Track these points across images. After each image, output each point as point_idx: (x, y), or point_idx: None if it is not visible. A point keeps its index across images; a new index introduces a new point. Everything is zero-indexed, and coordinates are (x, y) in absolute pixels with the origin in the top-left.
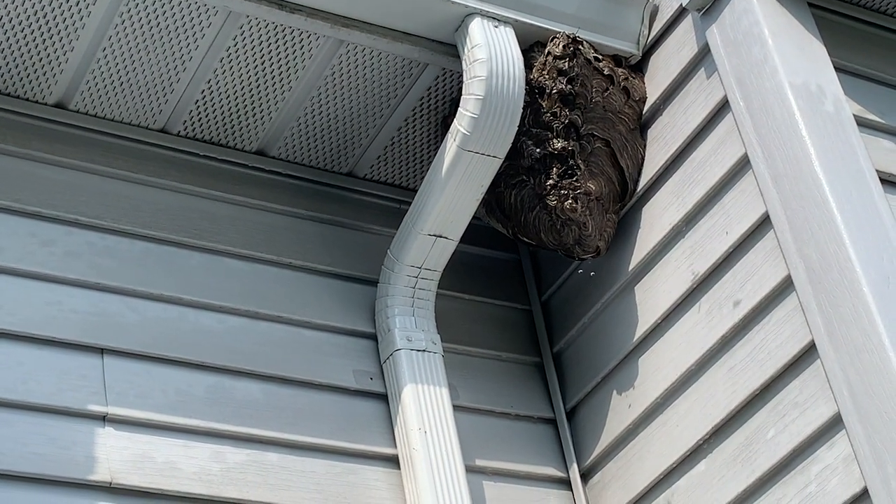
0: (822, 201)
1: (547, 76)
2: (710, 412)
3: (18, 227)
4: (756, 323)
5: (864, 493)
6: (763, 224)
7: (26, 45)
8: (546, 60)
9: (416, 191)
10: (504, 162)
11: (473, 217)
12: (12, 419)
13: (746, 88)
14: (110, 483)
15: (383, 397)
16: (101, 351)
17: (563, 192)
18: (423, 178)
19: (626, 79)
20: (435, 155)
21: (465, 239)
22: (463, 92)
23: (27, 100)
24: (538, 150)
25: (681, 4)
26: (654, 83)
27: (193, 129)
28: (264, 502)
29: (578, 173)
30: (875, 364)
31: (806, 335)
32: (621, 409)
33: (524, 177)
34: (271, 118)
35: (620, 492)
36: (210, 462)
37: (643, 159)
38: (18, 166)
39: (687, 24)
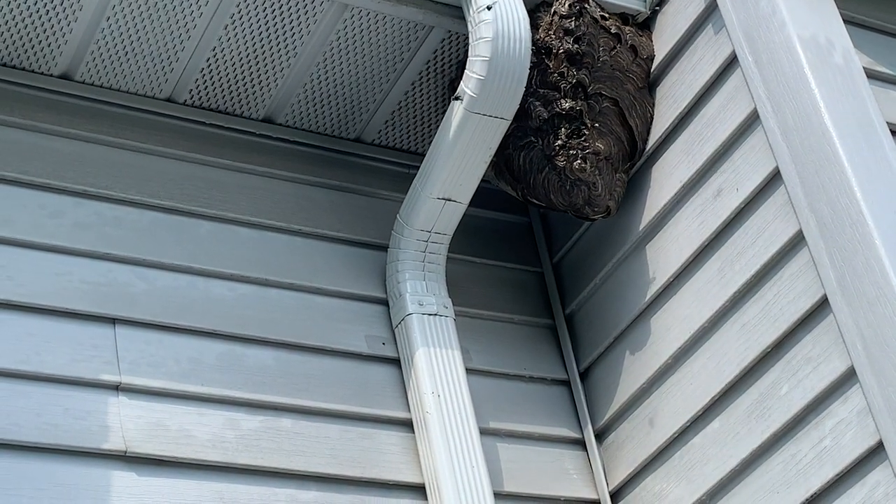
0: (832, 155)
1: (553, 36)
2: (723, 369)
3: (27, 200)
4: (768, 279)
5: (880, 446)
6: (774, 179)
7: (30, 16)
8: (552, 20)
9: (424, 155)
10: (512, 123)
11: (483, 180)
12: (26, 390)
13: (755, 43)
14: (125, 452)
15: (396, 362)
16: (113, 321)
17: (571, 152)
18: (431, 142)
19: (634, 37)
20: (442, 118)
21: (474, 202)
22: (469, 54)
23: (32, 72)
24: (546, 110)
25: None
26: (662, 41)
27: (200, 98)
28: (279, 468)
29: (587, 133)
30: (888, 317)
31: (818, 290)
32: (635, 369)
33: (532, 138)
34: (277, 85)
35: (635, 451)
36: (224, 429)
37: (652, 118)
38: (25, 138)
39: None
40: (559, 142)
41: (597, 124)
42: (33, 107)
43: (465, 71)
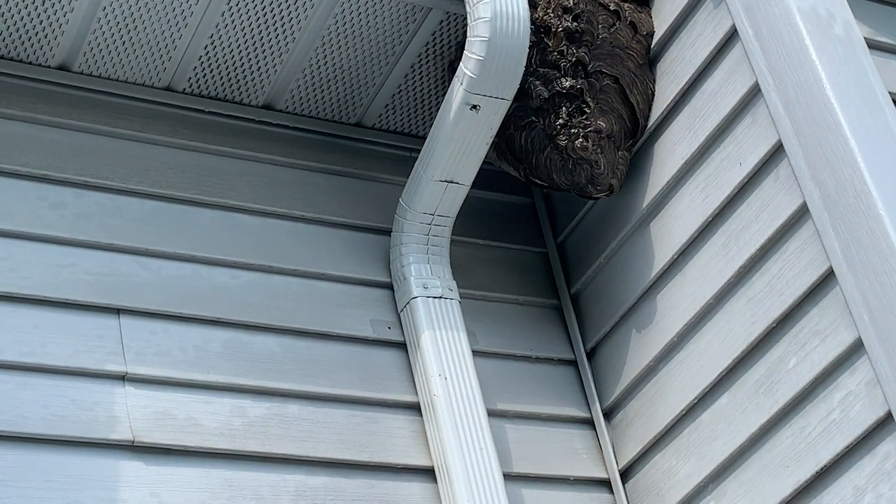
0: (835, 126)
1: (552, 14)
2: (730, 345)
3: (27, 192)
4: (773, 253)
5: (889, 417)
6: (777, 153)
7: (25, 7)
8: None
9: (425, 138)
10: (512, 104)
11: (485, 162)
12: (32, 382)
13: (754, 16)
14: (133, 441)
15: (402, 346)
16: (117, 311)
17: (573, 130)
18: (431, 124)
19: (633, 13)
20: (443, 100)
21: (477, 184)
22: (468, 34)
23: (30, 63)
24: (546, 89)
25: None
26: (662, 16)
27: (199, 86)
28: (287, 454)
29: (588, 111)
30: (894, 286)
31: (824, 262)
32: (641, 347)
33: (533, 118)
34: (276, 71)
35: (644, 429)
36: (231, 417)
37: (653, 94)
38: (24, 130)
39: None
40: (560, 121)
41: (598, 102)
42: (31, 98)
43: (465, 52)
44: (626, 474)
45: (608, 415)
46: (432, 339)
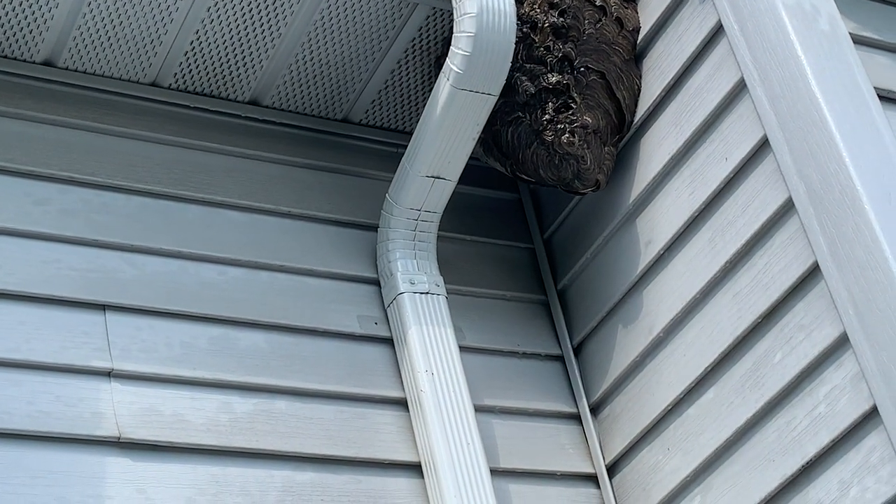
0: (820, 121)
1: (538, 10)
2: (716, 339)
3: (12, 187)
4: (759, 247)
5: (874, 411)
6: (762, 148)
7: (10, 3)
8: None
9: (412, 134)
10: (499, 99)
11: (472, 158)
12: (17, 378)
13: (740, 11)
14: (119, 438)
15: (389, 341)
16: (103, 307)
17: (559, 126)
18: (418, 120)
19: (619, 9)
20: (429, 96)
21: (464, 180)
22: (454, 30)
23: (15, 59)
24: (532, 85)
25: None
26: (647, 12)
27: (185, 82)
28: (274, 450)
29: (574, 107)
30: (879, 281)
31: (809, 257)
32: (628, 342)
33: (520, 113)
34: (263, 67)
35: (630, 424)
36: (218, 413)
37: (639, 90)
38: (9, 126)
39: None
40: (547, 116)
41: (584, 98)
42: (16, 94)
43: (451, 47)
44: (612, 469)
45: (595, 410)
46: (419, 334)
